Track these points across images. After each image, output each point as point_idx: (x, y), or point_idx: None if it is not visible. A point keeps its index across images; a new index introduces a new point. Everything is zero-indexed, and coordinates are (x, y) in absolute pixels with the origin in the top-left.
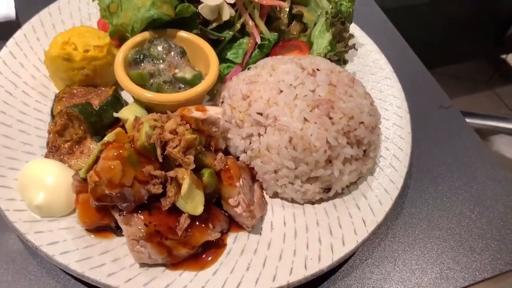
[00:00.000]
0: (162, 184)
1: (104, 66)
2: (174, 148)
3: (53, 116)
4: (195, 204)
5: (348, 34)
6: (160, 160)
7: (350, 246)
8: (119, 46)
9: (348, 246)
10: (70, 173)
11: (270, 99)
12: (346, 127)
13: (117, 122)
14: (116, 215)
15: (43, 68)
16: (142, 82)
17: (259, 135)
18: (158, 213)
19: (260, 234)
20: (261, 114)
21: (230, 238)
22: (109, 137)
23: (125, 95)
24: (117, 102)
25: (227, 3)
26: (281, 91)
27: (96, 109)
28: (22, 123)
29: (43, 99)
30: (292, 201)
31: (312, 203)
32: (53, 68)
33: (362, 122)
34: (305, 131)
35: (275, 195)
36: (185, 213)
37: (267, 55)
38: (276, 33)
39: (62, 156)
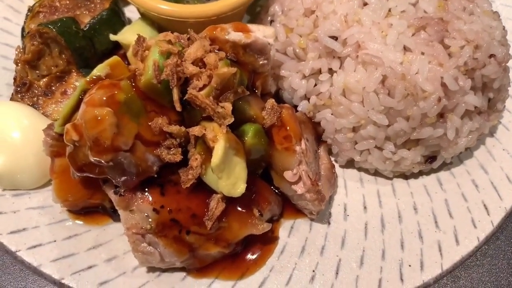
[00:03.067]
0: (181, 147)
1: None
2: (201, 89)
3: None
4: (233, 180)
5: None
6: (178, 108)
7: (468, 246)
8: None
9: (464, 245)
10: (46, 125)
11: (349, 16)
12: (471, 62)
13: (116, 49)
14: (111, 194)
15: None
16: None
17: (331, 71)
18: (176, 193)
19: (328, 223)
20: (335, 38)
21: (283, 229)
22: (99, 69)
23: (129, 12)
24: (116, 20)
25: None
26: (366, 4)
27: (86, 28)
28: None
29: (15, 16)
30: (375, 173)
31: (406, 177)
32: None
33: (493, 55)
34: (407, 67)
35: (349, 164)
36: (217, 194)
37: None
38: None
39: (35, 99)
